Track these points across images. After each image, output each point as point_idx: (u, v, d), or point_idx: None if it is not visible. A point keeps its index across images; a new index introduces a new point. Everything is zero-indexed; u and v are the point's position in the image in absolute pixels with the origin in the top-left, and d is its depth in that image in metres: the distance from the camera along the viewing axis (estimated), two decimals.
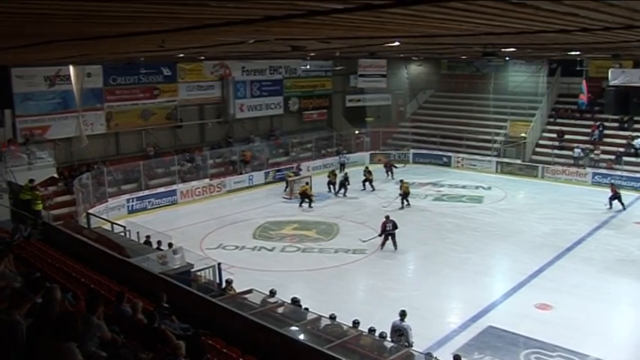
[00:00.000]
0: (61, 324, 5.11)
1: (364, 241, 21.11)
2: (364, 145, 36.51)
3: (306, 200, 26.50)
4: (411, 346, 12.22)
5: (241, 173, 30.34)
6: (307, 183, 27.80)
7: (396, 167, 32.09)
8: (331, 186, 28.80)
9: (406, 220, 22.83)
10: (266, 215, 25.26)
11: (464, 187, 30.01)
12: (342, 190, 28.51)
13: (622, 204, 24.79)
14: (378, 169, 31.39)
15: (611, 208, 24.79)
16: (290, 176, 29.49)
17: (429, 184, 30.15)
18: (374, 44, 13.12)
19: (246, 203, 27.33)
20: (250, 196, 28.91)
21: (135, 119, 28.65)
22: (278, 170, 31.62)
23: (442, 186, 30.02)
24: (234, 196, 28.82)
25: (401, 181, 26.69)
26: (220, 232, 22.98)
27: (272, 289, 13.51)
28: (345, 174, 29.51)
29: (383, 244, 20.76)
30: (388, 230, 20.67)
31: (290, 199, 27.96)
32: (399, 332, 12.43)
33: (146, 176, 26.92)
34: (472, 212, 25.50)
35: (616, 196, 24.77)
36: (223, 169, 30.39)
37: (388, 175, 31.49)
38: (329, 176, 29.40)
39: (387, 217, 21.00)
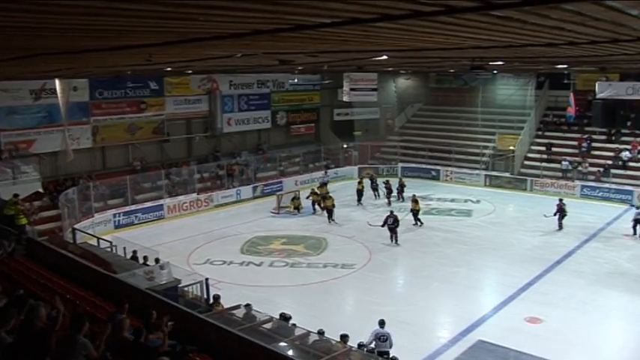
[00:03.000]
0: (36, 341, 5.02)
1: (370, 225, 23.62)
2: (352, 159, 36.51)
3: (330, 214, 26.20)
4: (391, 346, 12.67)
5: (229, 188, 30.21)
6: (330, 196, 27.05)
7: (404, 186, 29.95)
8: (315, 205, 27.60)
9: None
10: (254, 230, 25.11)
11: (453, 200, 30.05)
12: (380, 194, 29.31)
13: (560, 223, 23.85)
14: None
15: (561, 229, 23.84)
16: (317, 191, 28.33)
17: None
18: (362, 58, 13.15)
19: (234, 218, 27.19)
20: (238, 210, 28.76)
21: (121, 133, 28.48)
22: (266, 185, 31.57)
23: (431, 200, 29.93)
24: (222, 211, 28.67)
25: (414, 195, 26.01)
26: (208, 247, 22.80)
27: (247, 303, 13.49)
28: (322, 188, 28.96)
29: (391, 237, 22.26)
30: (389, 225, 22.27)
31: (278, 213, 27.85)
32: (384, 338, 12.78)
33: (133, 191, 26.72)
34: (461, 226, 25.49)
35: (561, 214, 23.79)
36: (210, 184, 30.24)
37: (399, 197, 29.49)
38: (311, 196, 27.96)
39: (391, 212, 22.90)
